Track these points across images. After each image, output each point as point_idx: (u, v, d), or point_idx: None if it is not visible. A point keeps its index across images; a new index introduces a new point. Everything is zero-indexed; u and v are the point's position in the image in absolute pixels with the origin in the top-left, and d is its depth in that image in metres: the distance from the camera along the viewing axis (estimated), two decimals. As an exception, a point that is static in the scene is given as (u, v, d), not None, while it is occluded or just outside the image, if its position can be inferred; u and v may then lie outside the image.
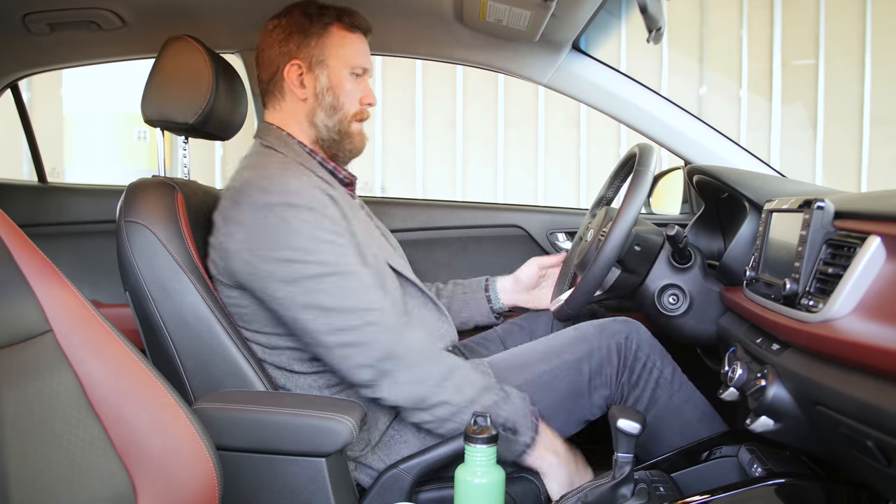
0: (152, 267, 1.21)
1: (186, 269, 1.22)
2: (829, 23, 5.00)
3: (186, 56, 1.34)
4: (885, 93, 4.96)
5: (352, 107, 1.34)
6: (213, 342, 1.21)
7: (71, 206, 2.03)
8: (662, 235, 1.39)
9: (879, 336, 0.73)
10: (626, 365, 1.27)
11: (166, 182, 1.31)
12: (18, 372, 0.80)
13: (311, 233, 1.17)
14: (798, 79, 5.06)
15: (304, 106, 1.33)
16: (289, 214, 1.17)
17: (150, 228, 1.22)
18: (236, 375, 1.21)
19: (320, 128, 1.33)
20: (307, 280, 1.16)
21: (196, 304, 1.21)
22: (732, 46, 5.08)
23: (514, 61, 1.74)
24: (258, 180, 1.21)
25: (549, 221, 1.95)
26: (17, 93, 2.00)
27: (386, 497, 1.18)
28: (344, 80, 1.32)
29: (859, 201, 0.90)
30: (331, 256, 1.18)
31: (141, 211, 1.24)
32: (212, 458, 0.89)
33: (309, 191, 1.20)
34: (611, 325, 1.30)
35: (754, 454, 1.09)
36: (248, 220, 1.19)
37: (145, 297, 1.22)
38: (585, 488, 1.03)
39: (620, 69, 1.73)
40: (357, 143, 1.36)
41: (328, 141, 1.34)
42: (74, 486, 0.81)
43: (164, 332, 1.21)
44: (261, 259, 1.17)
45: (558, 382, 1.25)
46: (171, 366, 1.22)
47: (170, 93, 1.33)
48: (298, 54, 1.31)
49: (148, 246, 1.22)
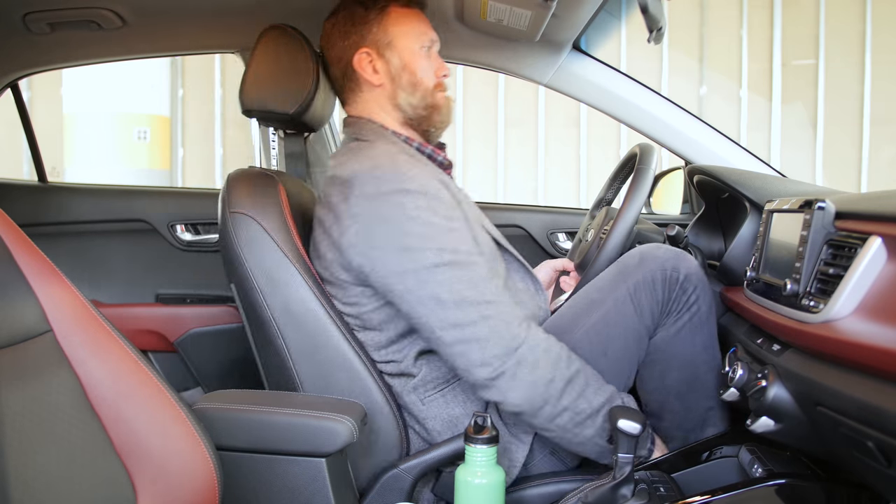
0: (259, 258, 1.20)
1: (293, 260, 1.20)
2: (829, 23, 5.00)
3: (286, 45, 1.32)
4: (885, 93, 4.96)
5: (430, 80, 1.32)
6: (320, 332, 1.19)
7: (71, 206, 2.03)
8: (663, 235, 1.39)
9: (880, 336, 0.73)
10: (671, 295, 1.21)
11: (266, 173, 1.30)
12: (18, 372, 0.80)
13: (428, 219, 1.14)
14: (798, 79, 5.06)
15: (384, 91, 1.31)
16: (404, 200, 1.14)
17: (255, 219, 1.21)
18: (345, 366, 1.20)
19: (405, 108, 1.31)
20: (424, 270, 1.12)
21: (304, 295, 1.19)
22: (732, 46, 5.08)
23: (514, 61, 1.74)
24: (368, 170, 1.18)
25: (549, 221, 1.95)
26: (17, 93, 2.00)
27: (386, 497, 1.18)
28: (416, 56, 1.31)
29: (860, 202, 0.90)
30: (448, 244, 1.14)
31: (245, 202, 1.23)
32: (212, 459, 0.89)
33: (422, 176, 1.17)
34: (655, 252, 1.23)
35: (754, 454, 1.09)
36: (361, 211, 1.16)
37: (253, 288, 1.20)
38: (586, 488, 1.03)
39: (620, 69, 1.73)
40: (445, 112, 1.34)
41: (416, 119, 1.32)
42: (74, 487, 0.81)
43: (272, 323, 1.20)
44: (378, 249, 1.14)
45: (610, 329, 1.21)
46: (280, 357, 1.21)
47: (270, 83, 1.31)
48: (364, 42, 1.30)
49: (254, 237, 1.20)
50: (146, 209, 1.98)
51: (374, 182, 1.16)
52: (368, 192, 1.16)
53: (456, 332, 1.12)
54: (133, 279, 1.99)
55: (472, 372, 1.13)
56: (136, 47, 1.78)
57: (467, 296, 1.12)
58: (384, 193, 1.15)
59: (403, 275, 1.13)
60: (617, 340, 1.21)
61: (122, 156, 4.76)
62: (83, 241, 2.01)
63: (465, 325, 1.12)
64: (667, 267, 1.21)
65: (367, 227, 1.15)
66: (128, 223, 2.00)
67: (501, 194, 5.16)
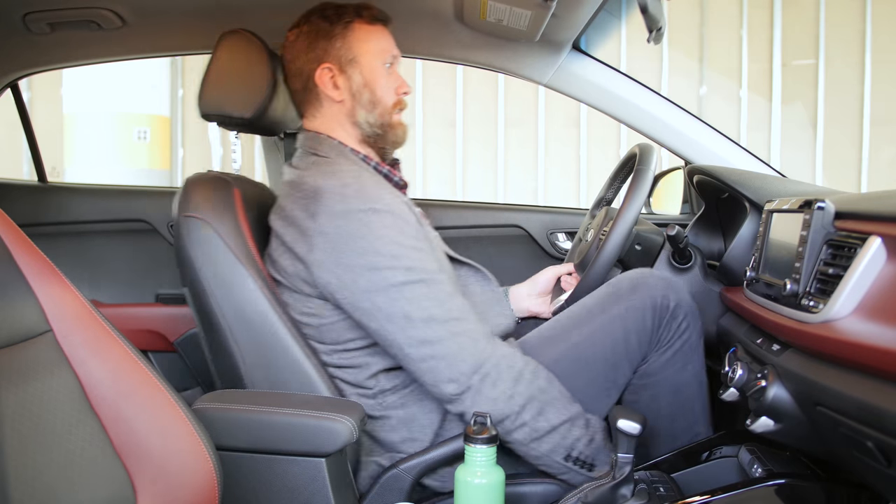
0: (211, 262, 1.20)
1: (246, 264, 1.21)
2: (829, 23, 5.00)
3: (244, 50, 1.33)
4: (885, 93, 4.95)
5: (390, 98, 1.33)
6: (273, 337, 1.20)
7: (71, 206, 2.03)
8: (663, 235, 1.39)
9: (880, 336, 0.73)
10: (661, 324, 1.22)
11: (223, 177, 1.31)
12: (18, 372, 0.80)
13: (394, 238, 1.15)
14: (798, 79, 5.06)
15: (343, 107, 1.32)
16: (372, 220, 1.15)
17: (208, 223, 1.22)
18: (296, 370, 1.20)
19: (363, 125, 1.32)
20: (393, 289, 1.14)
21: (257, 299, 1.20)
22: (732, 46, 5.08)
23: (514, 61, 1.74)
24: (335, 188, 1.19)
25: (549, 221, 1.95)
26: (17, 93, 2.00)
27: (386, 497, 1.18)
28: (377, 74, 1.31)
29: (860, 202, 0.90)
30: (416, 262, 1.16)
31: (199, 205, 1.23)
32: (212, 459, 0.89)
33: (387, 196, 1.19)
34: (647, 281, 1.25)
35: (754, 454, 1.09)
36: (329, 229, 1.16)
37: (204, 292, 1.21)
38: (585, 488, 1.03)
39: (620, 69, 1.73)
40: (400, 133, 1.35)
41: (373, 137, 1.33)
42: (74, 486, 0.81)
43: (224, 328, 1.20)
44: (345, 268, 1.15)
45: (595, 349, 1.22)
46: (232, 361, 1.21)
47: (228, 87, 1.32)
48: (327, 58, 1.30)
49: (206, 240, 1.21)
50: (146, 209, 1.99)
51: (342, 200, 1.17)
52: (336, 210, 1.16)
53: (425, 348, 1.14)
54: (133, 279, 1.99)
55: (439, 387, 1.15)
56: (136, 47, 1.78)
57: (435, 313, 1.14)
58: (352, 212, 1.16)
59: (372, 293, 1.15)
60: (598, 362, 1.23)
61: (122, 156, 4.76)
62: (83, 241, 2.01)
63: (434, 342, 1.13)
64: (657, 296, 1.22)
65: (335, 245, 1.16)
66: (128, 223, 2.00)
67: (501, 194, 5.16)
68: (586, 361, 1.22)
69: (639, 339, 1.22)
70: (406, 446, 1.21)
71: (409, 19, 1.63)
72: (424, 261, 1.17)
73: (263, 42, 1.34)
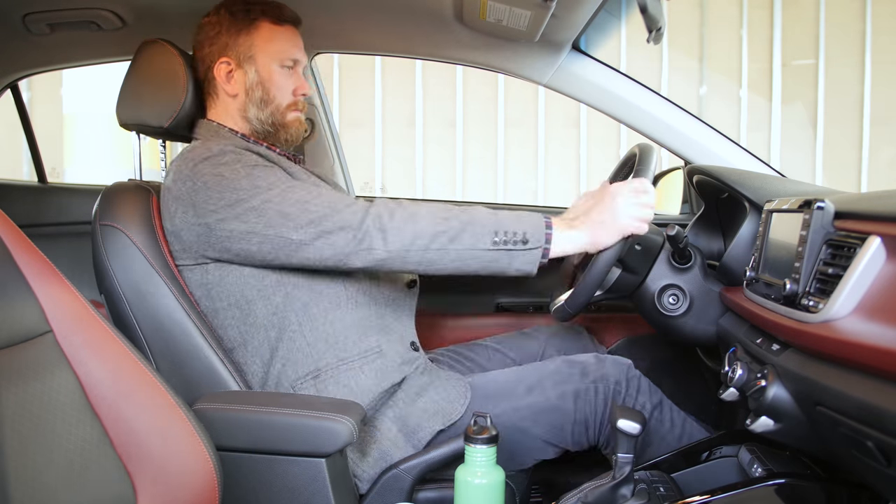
0: (127, 270, 1.22)
1: (161, 273, 1.22)
2: (829, 23, 5.00)
3: (161, 60, 1.34)
4: (885, 93, 4.96)
5: (284, 98, 1.34)
6: (187, 344, 1.21)
7: (71, 206, 2.03)
8: (662, 235, 1.39)
9: (880, 336, 0.73)
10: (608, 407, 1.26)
11: (142, 185, 1.32)
12: (18, 372, 0.80)
13: (245, 171, 1.18)
14: (798, 79, 5.06)
15: (235, 102, 1.34)
16: (219, 169, 1.18)
17: (124, 232, 1.23)
18: (211, 376, 1.21)
19: (253, 122, 1.34)
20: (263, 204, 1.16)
21: (171, 307, 1.21)
22: (732, 46, 5.08)
23: (514, 61, 1.74)
24: (180, 159, 1.24)
25: None
26: (17, 93, 2.00)
27: (386, 497, 1.18)
28: (274, 74, 1.33)
29: (859, 201, 0.90)
30: (273, 179, 1.19)
31: (116, 214, 1.25)
32: (212, 459, 0.89)
33: (230, 147, 1.22)
34: (600, 368, 1.29)
35: (754, 454, 1.09)
36: (183, 191, 1.20)
37: (120, 300, 1.22)
38: (586, 488, 1.03)
39: (620, 69, 1.73)
40: (293, 132, 1.37)
41: (263, 133, 1.35)
42: (74, 487, 0.81)
43: (138, 334, 1.21)
44: (210, 215, 1.18)
45: (541, 416, 1.25)
46: None
47: (145, 96, 1.34)
48: (227, 52, 1.32)
49: (123, 249, 1.22)
50: None
51: (188, 163, 1.21)
52: (184, 172, 1.20)
53: (311, 228, 1.16)
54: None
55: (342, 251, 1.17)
56: (136, 47, 1.77)
57: (307, 198, 1.17)
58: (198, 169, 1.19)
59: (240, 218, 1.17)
60: (535, 429, 1.25)
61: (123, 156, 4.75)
62: (83, 241, 2.00)
63: (317, 219, 1.16)
64: (609, 383, 1.27)
65: (193, 201, 1.19)
66: None
67: (501, 194, 5.16)
68: (526, 428, 1.25)
69: (586, 423, 1.26)
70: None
71: (409, 19, 1.63)
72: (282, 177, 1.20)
73: (182, 51, 1.35)
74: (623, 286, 1.39)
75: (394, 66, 4.98)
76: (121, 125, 1.38)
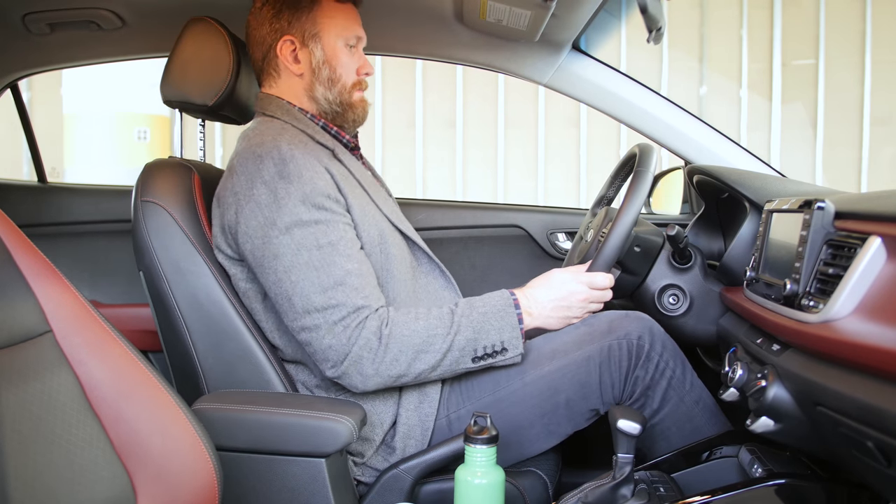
0: (167, 248, 1.21)
1: (201, 251, 1.21)
2: (829, 23, 5.01)
3: (207, 38, 1.33)
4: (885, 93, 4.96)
5: (350, 77, 1.33)
6: (225, 324, 1.20)
7: (71, 206, 2.03)
8: (662, 236, 1.39)
9: (880, 336, 0.73)
10: (637, 364, 1.24)
11: (183, 163, 1.31)
12: (18, 372, 0.80)
13: (293, 211, 1.15)
14: (798, 79, 5.07)
15: (302, 81, 1.32)
16: (277, 187, 1.16)
17: (166, 209, 1.22)
18: (248, 358, 1.20)
19: (321, 101, 1.32)
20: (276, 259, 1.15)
21: (210, 286, 1.20)
22: (732, 46, 5.09)
23: (514, 61, 1.74)
24: (252, 147, 1.20)
25: (549, 221, 1.95)
26: (17, 93, 2.00)
27: (386, 497, 1.18)
28: (339, 52, 1.31)
29: (859, 201, 0.90)
30: (307, 239, 1.15)
31: (157, 191, 1.24)
32: (212, 459, 0.89)
33: (300, 157, 1.19)
34: (623, 323, 1.26)
35: (754, 454, 1.09)
36: (239, 190, 1.18)
37: (159, 277, 1.21)
38: (586, 488, 1.03)
39: (620, 69, 1.73)
40: (360, 111, 1.36)
41: (330, 114, 1.33)
42: (74, 487, 0.81)
43: (177, 313, 1.21)
44: (244, 230, 1.17)
45: (566, 381, 1.23)
46: (184, 347, 1.22)
47: (190, 74, 1.33)
48: (290, 30, 1.30)
49: (164, 226, 1.21)
50: None
51: (255, 162, 1.18)
52: (249, 170, 1.18)
53: (299, 335, 1.16)
54: (133, 279, 1.97)
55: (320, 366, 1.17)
56: (136, 47, 1.78)
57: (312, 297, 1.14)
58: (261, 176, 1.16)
59: (262, 259, 1.16)
60: (565, 394, 1.23)
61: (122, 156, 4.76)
62: (83, 242, 2.01)
63: (308, 329, 1.15)
64: (633, 337, 1.24)
65: (242, 206, 1.17)
66: (128, 223, 1.99)
67: (501, 194, 5.16)
68: (555, 391, 1.23)
69: (611, 379, 1.23)
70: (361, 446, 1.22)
71: (409, 19, 1.63)
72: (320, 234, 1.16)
73: (228, 30, 1.34)
74: (623, 286, 1.39)
75: (394, 66, 4.98)
76: (164, 102, 1.36)
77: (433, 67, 4.95)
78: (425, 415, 1.23)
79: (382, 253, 1.25)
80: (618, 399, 1.25)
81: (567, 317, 1.27)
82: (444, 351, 1.17)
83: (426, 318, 1.18)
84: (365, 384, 1.16)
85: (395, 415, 1.24)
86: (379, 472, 1.21)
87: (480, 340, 1.19)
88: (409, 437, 1.22)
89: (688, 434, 1.25)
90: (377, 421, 1.22)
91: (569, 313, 1.27)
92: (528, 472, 1.22)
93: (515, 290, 1.26)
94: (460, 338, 1.18)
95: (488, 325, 1.20)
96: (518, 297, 1.24)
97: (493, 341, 1.19)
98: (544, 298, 1.27)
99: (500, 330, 1.20)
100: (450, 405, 1.24)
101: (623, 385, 1.24)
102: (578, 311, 1.28)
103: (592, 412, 1.25)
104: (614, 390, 1.24)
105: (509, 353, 1.20)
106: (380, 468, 1.21)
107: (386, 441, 1.23)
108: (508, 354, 1.20)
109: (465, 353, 1.19)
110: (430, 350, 1.17)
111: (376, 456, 1.22)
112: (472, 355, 1.19)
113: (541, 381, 1.24)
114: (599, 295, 1.28)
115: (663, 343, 1.25)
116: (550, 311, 1.26)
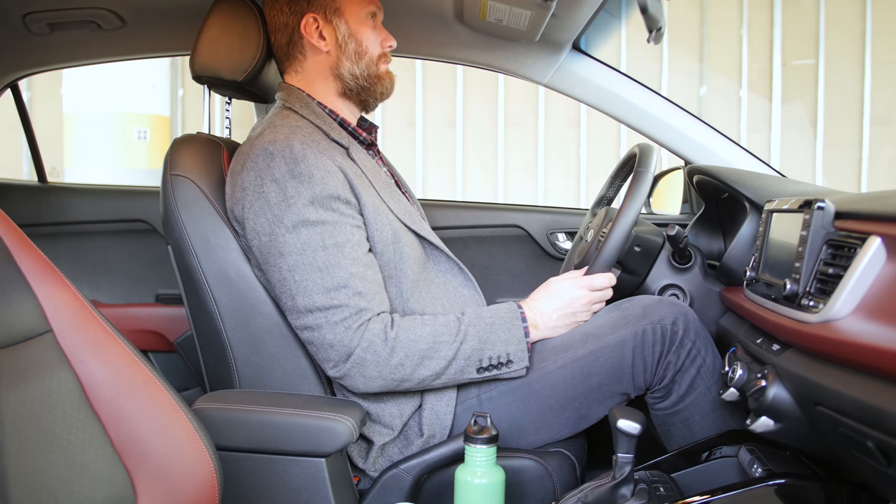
0: (197, 222, 1.21)
1: (230, 226, 1.21)
2: (829, 23, 5.01)
3: (238, 13, 1.33)
4: (885, 93, 4.96)
5: (376, 49, 1.33)
6: (254, 298, 1.20)
7: (71, 206, 2.03)
8: (662, 236, 1.39)
9: (880, 336, 0.73)
10: (670, 350, 1.22)
11: (212, 139, 1.31)
12: (18, 372, 0.80)
13: (301, 211, 1.15)
14: (798, 79, 5.07)
15: (328, 58, 1.31)
16: (287, 186, 1.16)
17: (196, 183, 1.22)
18: (275, 331, 1.20)
19: (347, 77, 1.32)
20: (282, 257, 1.15)
21: (238, 261, 1.20)
22: (732, 46, 5.09)
23: (514, 61, 1.74)
24: (264, 144, 1.19)
25: (549, 221, 1.95)
26: (17, 93, 2.00)
27: (386, 497, 1.18)
28: (362, 24, 1.31)
29: (859, 201, 0.90)
30: (314, 239, 1.15)
31: (187, 165, 1.24)
32: (212, 459, 0.89)
33: (312, 157, 1.18)
34: (657, 308, 1.25)
35: (754, 454, 1.09)
36: (248, 185, 1.18)
37: (188, 251, 1.21)
38: (586, 488, 1.03)
39: (620, 69, 1.74)
40: (388, 83, 1.36)
41: (356, 89, 1.33)
42: (74, 487, 0.81)
43: (205, 287, 1.21)
44: (251, 226, 1.17)
45: (599, 365, 1.23)
46: (211, 321, 1.22)
47: (221, 49, 1.32)
48: (311, 8, 1.29)
49: (193, 200, 1.21)
50: (146, 209, 1.98)
51: (266, 158, 1.17)
52: (259, 167, 1.17)
53: (301, 333, 1.18)
54: (133, 279, 1.99)
55: (322, 365, 1.18)
56: (136, 47, 1.78)
57: (315, 296, 1.14)
58: (271, 174, 1.16)
59: (266, 255, 1.17)
60: (598, 377, 1.23)
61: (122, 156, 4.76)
62: (83, 241, 2.01)
63: (310, 328, 1.15)
64: (666, 322, 1.22)
65: (250, 203, 1.17)
66: (128, 223, 2.00)
67: (501, 194, 5.16)
68: (587, 375, 1.23)
69: (644, 363, 1.23)
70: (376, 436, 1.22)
71: (409, 19, 1.63)
72: (326, 235, 1.16)
73: (259, 8, 1.34)
74: (623, 286, 1.39)
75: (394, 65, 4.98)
76: (193, 78, 1.36)
77: (433, 67, 4.95)
78: (450, 397, 1.23)
79: (396, 252, 1.24)
80: (648, 383, 1.23)
81: (574, 321, 1.28)
82: (449, 358, 1.17)
83: (433, 324, 1.18)
84: (367, 386, 1.16)
85: (422, 397, 1.23)
86: (405, 458, 1.20)
87: (486, 351, 1.19)
88: (436, 417, 1.22)
89: (710, 424, 1.24)
90: (399, 404, 1.22)
91: (575, 318, 1.28)
92: (557, 453, 1.22)
93: (521, 303, 1.26)
94: (466, 346, 1.18)
95: (495, 335, 1.20)
96: (524, 310, 1.24)
97: (500, 352, 1.19)
98: (549, 309, 1.27)
99: (506, 342, 1.20)
100: (482, 385, 1.24)
101: (655, 370, 1.23)
102: (583, 315, 1.28)
103: (623, 396, 1.24)
104: (646, 374, 1.23)
105: (514, 365, 1.20)
106: (403, 455, 1.21)
107: (409, 426, 1.22)
108: (513, 367, 1.20)
109: (471, 363, 1.18)
110: (436, 356, 1.17)
111: (396, 442, 1.21)
112: (477, 365, 1.19)
113: (574, 365, 1.23)
114: (600, 296, 1.28)
115: (696, 330, 1.24)
116: (557, 321, 1.26)
